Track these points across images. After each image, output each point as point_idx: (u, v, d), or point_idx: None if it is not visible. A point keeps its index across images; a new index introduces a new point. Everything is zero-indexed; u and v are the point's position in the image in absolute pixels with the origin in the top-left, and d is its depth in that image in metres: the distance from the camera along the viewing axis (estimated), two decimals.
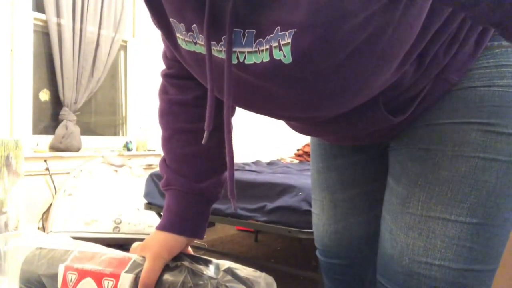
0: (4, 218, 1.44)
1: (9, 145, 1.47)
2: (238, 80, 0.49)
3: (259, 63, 0.45)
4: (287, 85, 0.46)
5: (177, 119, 0.69)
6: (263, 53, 0.44)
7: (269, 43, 0.43)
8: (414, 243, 0.54)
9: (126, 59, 3.23)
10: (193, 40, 0.50)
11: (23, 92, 2.47)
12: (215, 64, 0.49)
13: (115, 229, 2.43)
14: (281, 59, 0.43)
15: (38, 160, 2.53)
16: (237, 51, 0.46)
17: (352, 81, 0.45)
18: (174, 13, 0.51)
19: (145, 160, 3.16)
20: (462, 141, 0.52)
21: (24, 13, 2.47)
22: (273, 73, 0.45)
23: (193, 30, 0.49)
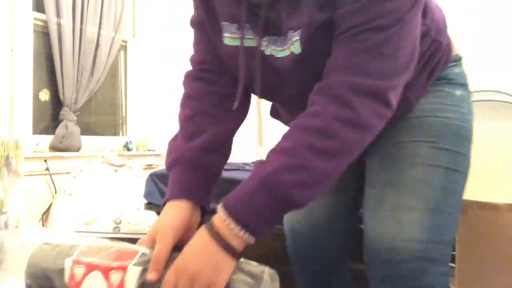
0: (4, 218, 1.44)
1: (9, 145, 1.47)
2: (266, 66, 0.71)
3: (284, 56, 0.68)
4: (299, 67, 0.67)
5: (201, 103, 0.77)
6: (286, 51, 0.68)
7: (289, 43, 0.66)
8: (390, 228, 0.72)
9: (126, 59, 3.23)
10: (241, 37, 0.70)
11: (23, 92, 2.46)
12: (254, 54, 0.70)
13: (115, 229, 2.43)
14: (294, 51, 0.66)
15: (38, 160, 2.53)
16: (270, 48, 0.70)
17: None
18: (228, 18, 0.71)
19: (145, 160, 3.16)
20: (417, 153, 0.75)
21: (24, 13, 2.47)
22: (292, 60, 0.67)
23: (243, 29, 0.70)
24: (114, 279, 0.60)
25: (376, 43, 0.60)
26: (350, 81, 0.60)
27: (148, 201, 2.06)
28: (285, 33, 0.66)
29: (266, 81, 0.72)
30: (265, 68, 0.71)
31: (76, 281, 0.62)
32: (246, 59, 0.71)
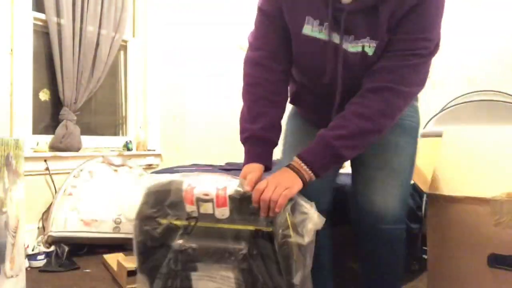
0: (4, 217, 1.44)
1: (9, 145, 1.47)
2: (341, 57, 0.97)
3: (356, 53, 0.96)
4: (365, 64, 0.96)
5: (262, 90, 1.04)
6: (358, 46, 0.95)
7: (362, 43, 0.94)
8: (380, 198, 1.06)
9: (126, 59, 3.23)
10: (321, 29, 0.96)
11: (23, 92, 2.46)
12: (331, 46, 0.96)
13: (115, 229, 2.43)
14: (367, 52, 0.94)
15: (38, 160, 2.53)
16: (345, 43, 0.96)
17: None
18: (313, 14, 0.96)
19: (145, 160, 3.16)
20: (399, 147, 1.10)
21: (24, 13, 2.47)
22: (360, 57, 0.96)
23: (321, 24, 0.96)
24: (220, 186, 0.93)
25: (415, 64, 0.94)
26: (393, 87, 0.94)
27: None
28: (360, 37, 0.95)
29: (335, 68, 0.99)
30: (338, 58, 0.97)
31: (191, 186, 0.94)
32: (325, 49, 0.98)
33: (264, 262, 0.91)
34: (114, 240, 2.46)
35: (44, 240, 2.30)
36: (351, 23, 0.93)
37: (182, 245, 0.94)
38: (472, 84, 3.00)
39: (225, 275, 0.93)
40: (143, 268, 1.02)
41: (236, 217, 0.92)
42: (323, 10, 0.94)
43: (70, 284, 1.93)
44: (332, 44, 0.96)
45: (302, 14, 0.96)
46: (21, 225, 1.58)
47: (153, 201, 0.98)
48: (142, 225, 0.99)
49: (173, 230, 0.96)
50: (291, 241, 0.87)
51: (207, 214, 0.93)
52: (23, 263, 1.66)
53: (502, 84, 2.87)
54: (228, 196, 0.92)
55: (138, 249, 1.02)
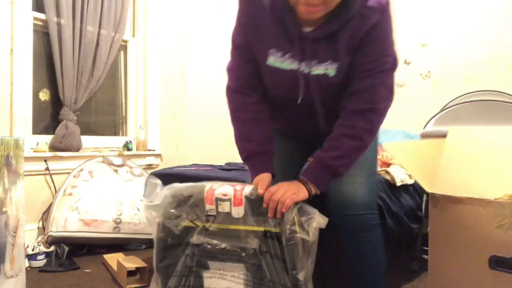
0: (4, 217, 1.44)
1: (9, 145, 1.47)
2: (306, 80, 1.07)
3: (320, 75, 1.06)
4: (328, 84, 1.07)
5: (247, 113, 1.15)
6: (320, 69, 1.05)
7: (325, 66, 1.04)
8: (349, 189, 1.17)
9: (126, 59, 3.23)
10: (284, 60, 1.06)
11: (23, 92, 2.46)
12: (296, 72, 1.07)
13: (115, 229, 2.43)
14: (328, 73, 1.05)
15: (38, 160, 2.53)
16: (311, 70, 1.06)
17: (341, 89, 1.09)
18: (275, 46, 1.06)
19: (145, 160, 3.16)
20: None
21: (24, 13, 2.47)
22: (323, 79, 1.06)
23: (285, 55, 1.06)
24: (238, 188, 1.04)
25: (383, 80, 1.06)
26: (372, 107, 1.05)
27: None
28: (323, 61, 1.04)
29: (305, 92, 1.10)
30: (304, 82, 1.08)
31: (213, 188, 1.05)
32: (291, 76, 1.08)
33: (272, 260, 1.00)
34: (114, 240, 2.46)
35: (44, 240, 2.30)
36: (315, 49, 1.04)
37: (200, 240, 1.04)
38: (472, 84, 2.99)
39: (236, 272, 1.03)
40: (160, 267, 1.10)
41: (248, 218, 1.03)
42: (285, 42, 1.05)
43: (70, 284, 1.93)
44: (297, 71, 1.07)
45: (266, 46, 1.07)
46: (21, 225, 1.58)
47: (176, 202, 1.07)
48: (165, 222, 1.07)
49: (192, 230, 1.06)
50: (297, 236, 0.97)
51: (225, 212, 1.04)
52: (23, 263, 1.66)
53: (502, 84, 2.87)
54: (244, 196, 1.03)
55: (158, 245, 1.10)
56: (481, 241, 1.18)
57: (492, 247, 1.16)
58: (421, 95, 3.23)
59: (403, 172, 2.14)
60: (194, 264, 1.06)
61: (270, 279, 1.00)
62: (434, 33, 3.19)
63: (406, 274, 2.13)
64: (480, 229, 1.18)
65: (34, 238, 2.47)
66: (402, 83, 3.33)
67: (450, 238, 1.27)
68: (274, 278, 1.00)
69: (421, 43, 3.24)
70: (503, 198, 1.13)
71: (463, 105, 2.23)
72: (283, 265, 0.99)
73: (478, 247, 1.19)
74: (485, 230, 1.16)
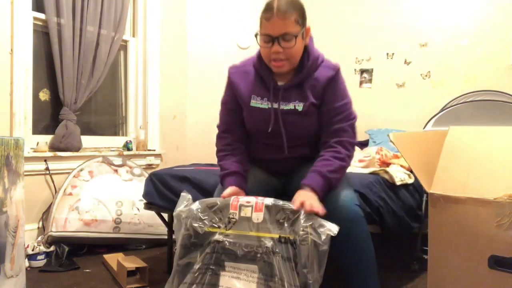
0: (4, 217, 1.44)
1: (9, 145, 1.47)
2: (279, 114, 1.43)
3: (289, 110, 1.42)
4: (297, 116, 1.42)
5: (227, 152, 1.50)
6: (290, 106, 1.42)
7: (293, 104, 1.42)
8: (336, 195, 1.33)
9: (126, 59, 3.23)
10: (262, 102, 1.45)
11: (23, 92, 2.46)
12: (271, 109, 1.44)
13: (115, 229, 2.43)
14: (298, 108, 1.42)
15: (38, 160, 2.53)
16: (281, 106, 1.43)
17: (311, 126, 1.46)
18: (256, 93, 1.47)
19: (145, 160, 3.16)
20: None
21: (24, 13, 2.47)
22: (293, 113, 1.42)
23: (263, 99, 1.45)
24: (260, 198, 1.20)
25: (351, 123, 1.42)
26: (349, 140, 1.40)
27: (147, 201, 2.06)
28: (291, 101, 1.43)
29: (276, 122, 1.43)
30: (278, 116, 1.43)
31: (238, 197, 1.23)
32: (268, 113, 1.44)
33: (283, 261, 1.09)
34: (114, 240, 2.46)
35: (44, 240, 2.30)
36: (286, 94, 1.43)
37: (221, 238, 1.17)
38: (472, 84, 3.00)
39: (250, 273, 1.13)
40: (180, 263, 1.21)
41: (266, 225, 1.15)
42: (264, 91, 1.46)
43: (70, 284, 1.93)
44: (272, 108, 1.44)
45: (249, 94, 1.48)
46: (21, 225, 1.58)
47: (203, 208, 1.22)
48: (192, 222, 1.21)
49: (213, 234, 1.20)
50: (310, 238, 1.08)
51: (246, 217, 1.17)
52: (23, 263, 1.66)
53: (502, 84, 2.87)
54: (264, 204, 1.17)
55: (183, 241, 1.21)
56: (480, 241, 1.18)
57: (491, 246, 1.16)
58: (421, 95, 3.23)
59: (402, 172, 2.14)
60: (212, 261, 1.16)
61: (280, 278, 1.08)
62: (434, 33, 3.18)
63: (406, 274, 2.13)
64: (479, 229, 1.18)
65: (34, 238, 2.47)
66: (402, 83, 3.33)
67: (450, 238, 1.27)
68: (284, 277, 1.08)
69: (421, 43, 3.24)
70: (502, 198, 1.13)
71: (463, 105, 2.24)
72: (294, 267, 1.08)
73: (478, 247, 1.19)
74: (484, 230, 1.17)
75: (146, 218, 2.53)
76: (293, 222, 1.13)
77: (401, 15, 3.35)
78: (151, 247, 2.61)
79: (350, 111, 1.43)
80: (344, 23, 3.59)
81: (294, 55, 1.37)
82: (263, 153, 1.54)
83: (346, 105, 1.42)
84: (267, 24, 1.34)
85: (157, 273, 2.10)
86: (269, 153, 1.52)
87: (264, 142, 1.51)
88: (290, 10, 1.32)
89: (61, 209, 2.36)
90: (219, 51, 3.61)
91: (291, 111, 1.42)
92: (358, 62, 3.55)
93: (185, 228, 1.22)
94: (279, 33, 1.32)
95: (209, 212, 1.21)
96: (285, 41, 1.33)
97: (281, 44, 1.33)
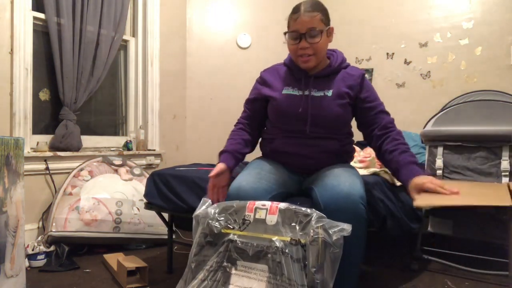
0: (4, 217, 1.44)
1: (9, 145, 1.47)
2: (310, 99, 1.55)
3: (320, 96, 1.55)
4: (327, 102, 1.54)
5: (239, 136, 1.67)
6: (320, 93, 1.55)
7: (323, 91, 1.56)
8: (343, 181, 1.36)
9: (126, 59, 3.23)
10: (294, 90, 1.58)
11: (23, 92, 2.46)
12: (303, 96, 1.56)
13: (115, 229, 2.43)
14: (327, 94, 1.55)
15: (38, 160, 2.53)
16: (312, 93, 1.56)
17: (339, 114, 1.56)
18: (288, 84, 1.61)
19: (145, 159, 3.16)
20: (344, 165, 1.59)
21: (24, 13, 2.47)
22: (323, 98, 1.55)
23: (294, 88, 1.59)
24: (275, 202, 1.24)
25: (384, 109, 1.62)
26: (400, 132, 1.57)
27: (148, 200, 2.06)
28: (321, 89, 1.55)
29: (308, 111, 1.53)
30: (308, 100, 1.54)
31: (254, 201, 1.26)
32: (300, 98, 1.55)
33: (292, 262, 1.12)
34: (114, 240, 2.46)
35: (44, 240, 2.30)
36: (316, 82, 1.57)
37: (234, 237, 1.21)
38: (472, 84, 3.00)
39: (260, 271, 1.16)
40: (193, 260, 1.26)
41: (279, 228, 1.19)
42: (295, 82, 1.59)
43: (70, 284, 1.93)
44: (303, 95, 1.55)
45: (281, 85, 1.61)
46: (21, 225, 1.58)
47: (220, 210, 1.28)
48: (209, 221, 1.26)
49: (228, 234, 1.24)
50: (320, 237, 1.11)
51: (260, 219, 1.22)
52: (23, 263, 1.66)
53: (502, 84, 2.87)
54: (278, 208, 1.21)
55: (199, 239, 1.26)
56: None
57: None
58: (421, 95, 3.23)
59: None
60: (224, 260, 1.20)
61: (288, 277, 1.11)
62: (434, 33, 3.18)
63: (406, 274, 2.13)
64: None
65: (34, 238, 2.47)
66: (402, 83, 3.33)
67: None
68: (292, 277, 1.10)
69: (421, 43, 3.24)
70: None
71: (463, 105, 2.24)
72: (303, 268, 1.11)
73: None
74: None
75: (146, 218, 2.53)
76: (305, 225, 1.15)
77: (401, 15, 3.35)
78: (151, 247, 2.61)
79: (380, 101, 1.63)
80: (344, 23, 3.59)
81: (320, 50, 1.51)
82: (286, 146, 1.59)
83: (378, 99, 1.63)
84: (294, 23, 1.49)
85: (157, 273, 2.10)
86: (291, 145, 1.57)
87: (289, 130, 1.58)
88: (316, 9, 1.48)
89: (61, 209, 2.36)
90: (219, 51, 3.61)
91: (321, 97, 1.53)
92: (358, 62, 3.55)
93: (202, 227, 1.28)
94: (306, 28, 1.47)
95: (225, 213, 1.27)
96: (311, 37, 1.48)
97: (307, 39, 1.48)
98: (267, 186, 1.42)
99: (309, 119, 1.52)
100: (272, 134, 1.64)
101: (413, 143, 2.97)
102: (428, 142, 2.29)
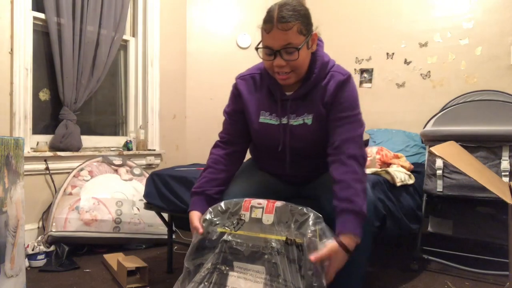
0: (4, 217, 1.44)
1: (9, 145, 1.47)
2: (288, 130, 1.36)
3: (299, 125, 1.34)
4: (307, 131, 1.34)
5: (218, 165, 1.45)
6: (300, 120, 1.34)
7: (302, 118, 1.34)
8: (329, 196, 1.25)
9: (126, 59, 3.23)
10: (271, 118, 1.37)
11: (23, 92, 2.46)
12: (280, 125, 1.36)
13: (115, 229, 2.43)
14: (307, 122, 1.33)
15: (38, 160, 2.53)
16: (291, 121, 1.35)
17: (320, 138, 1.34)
18: (265, 109, 1.39)
19: (145, 159, 3.16)
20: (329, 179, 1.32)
21: (24, 13, 2.47)
22: (303, 127, 1.34)
23: (272, 114, 1.37)
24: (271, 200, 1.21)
25: (360, 134, 1.29)
26: (360, 155, 1.25)
27: (148, 201, 2.06)
28: (300, 114, 1.34)
29: (285, 140, 1.38)
30: (287, 132, 1.36)
31: (250, 199, 1.23)
32: (278, 129, 1.37)
33: (289, 263, 1.10)
34: (114, 240, 2.46)
35: (44, 240, 2.30)
36: (294, 106, 1.35)
37: (229, 238, 1.19)
38: (472, 84, 3.00)
39: (257, 272, 1.14)
40: (191, 263, 1.24)
41: (274, 227, 1.16)
42: (272, 104, 1.37)
43: (70, 284, 1.93)
44: (281, 124, 1.36)
45: (258, 110, 1.40)
46: (21, 225, 1.58)
47: (216, 212, 1.26)
48: (207, 227, 1.24)
49: (223, 234, 1.22)
50: (316, 241, 1.08)
51: (256, 218, 1.19)
52: (23, 263, 1.66)
53: (502, 84, 2.87)
54: (275, 206, 1.18)
55: (198, 244, 1.24)
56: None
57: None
58: (421, 95, 3.23)
59: (403, 172, 2.14)
60: (219, 261, 1.18)
61: (284, 278, 1.09)
62: (434, 33, 3.18)
63: (406, 274, 2.13)
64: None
65: (34, 238, 2.47)
66: (402, 83, 3.33)
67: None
68: (288, 278, 1.08)
69: (421, 43, 3.24)
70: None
71: (463, 105, 2.23)
72: (299, 270, 1.08)
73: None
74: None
75: (146, 218, 2.53)
76: (301, 224, 1.11)
77: (401, 15, 3.35)
78: (151, 247, 2.61)
79: (360, 121, 1.30)
80: (344, 23, 3.59)
81: (299, 67, 1.26)
82: (271, 167, 1.49)
83: (356, 116, 1.29)
84: (267, 37, 1.23)
85: (157, 273, 2.10)
86: (276, 166, 1.46)
87: (273, 156, 1.44)
88: (292, 19, 1.18)
89: (61, 209, 2.36)
90: (219, 51, 3.61)
91: (300, 126, 1.34)
92: (358, 62, 3.55)
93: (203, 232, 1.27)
94: (280, 45, 1.21)
95: (221, 216, 1.24)
96: (288, 54, 1.22)
97: (283, 57, 1.22)
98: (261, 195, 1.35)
99: (288, 152, 1.38)
100: (257, 150, 1.53)
101: (413, 143, 2.97)
102: (428, 142, 2.29)
